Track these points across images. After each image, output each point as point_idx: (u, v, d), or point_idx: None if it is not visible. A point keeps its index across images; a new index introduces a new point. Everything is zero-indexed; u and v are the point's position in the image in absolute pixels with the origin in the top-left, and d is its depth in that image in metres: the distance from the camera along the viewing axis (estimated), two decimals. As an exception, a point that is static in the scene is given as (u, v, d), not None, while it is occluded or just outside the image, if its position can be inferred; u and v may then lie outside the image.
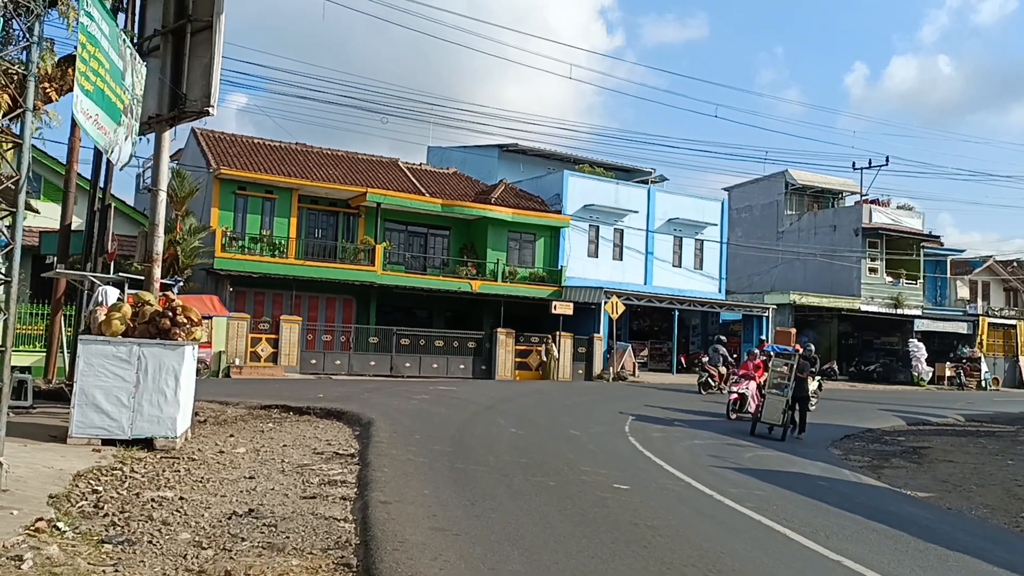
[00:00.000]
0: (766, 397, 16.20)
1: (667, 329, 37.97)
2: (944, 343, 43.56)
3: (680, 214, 37.88)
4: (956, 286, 48.39)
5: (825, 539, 7.65)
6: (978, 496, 11.36)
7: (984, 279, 49.88)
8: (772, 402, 15.96)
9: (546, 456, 11.43)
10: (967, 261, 50.33)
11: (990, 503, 10.86)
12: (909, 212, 45.42)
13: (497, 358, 29.82)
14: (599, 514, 7.94)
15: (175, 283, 18.32)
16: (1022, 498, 11.30)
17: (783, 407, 15.77)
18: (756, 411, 16.67)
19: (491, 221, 33.25)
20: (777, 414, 15.78)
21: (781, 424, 15.74)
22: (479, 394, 21.39)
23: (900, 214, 44.76)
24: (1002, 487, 12.16)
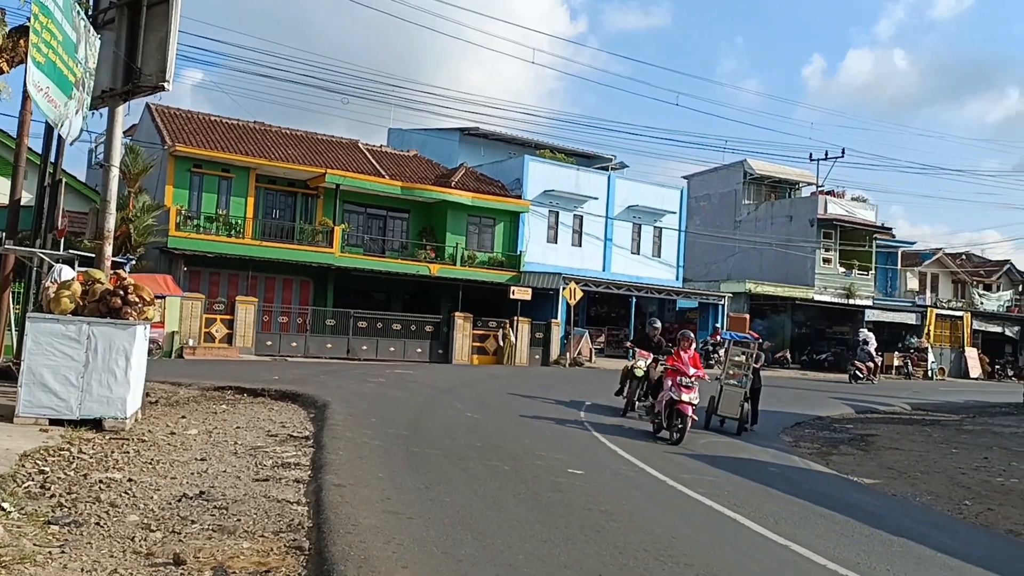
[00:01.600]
0: (723, 389, 15.09)
1: (624, 316, 38.24)
2: (893, 333, 44.49)
3: (640, 201, 38.09)
4: (906, 277, 49.41)
5: (774, 524, 7.78)
6: (923, 483, 11.64)
7: (933, 271, 51.00)
8: (729, 394, 14.94)
9: (502, 440, 11.46)
10: (917, 253, 51.37)
11: (934, 490, 11.13)
12: (863, 204, 46.20)
13: (455, 342, 29.79)
14: (553, 499, 7.98)
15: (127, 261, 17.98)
16: (965, 486, 11.60)
17: (740, 400, 14.82)
18: (711, 404, 15.23)
19: (451, 205, 33.13)
20: (734, 407, 14.80)
21: (737, 418, 14.78)
22: (436, 378, 21.36)
23: (854, 206, 45.51)
24: (946, 475, 12.47)
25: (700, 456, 11.89)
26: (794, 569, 6.38)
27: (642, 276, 37.46)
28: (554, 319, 32.17)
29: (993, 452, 15.23)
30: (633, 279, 36.51)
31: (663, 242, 39.46)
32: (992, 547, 8.08)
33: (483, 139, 39.99)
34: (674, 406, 12.90)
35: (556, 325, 32.11)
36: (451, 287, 32.26)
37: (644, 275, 37.69)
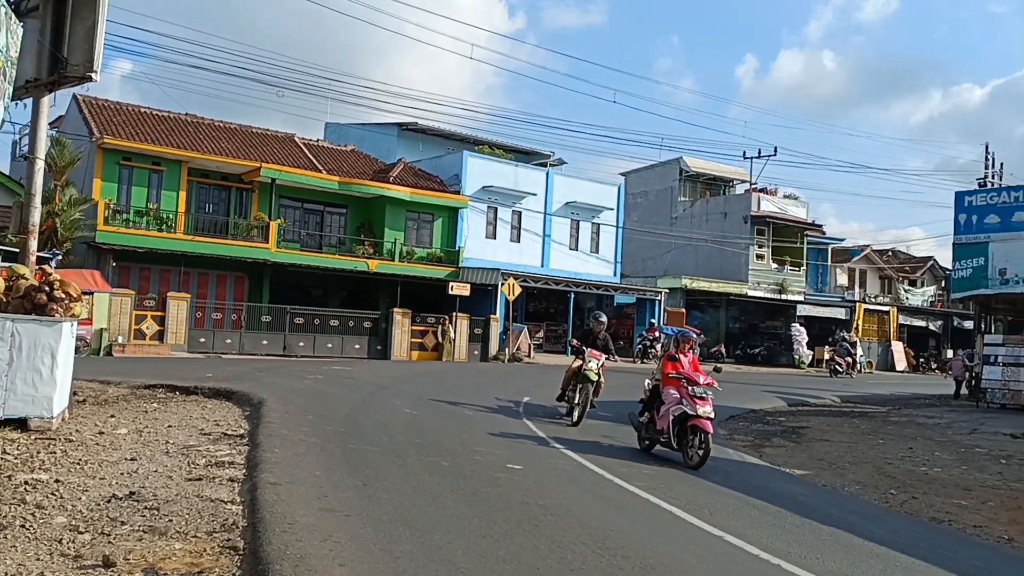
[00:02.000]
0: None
1: (563, 311, 38.51)
2: (824, 327, 45.64)
3: (578, 198, 38.35)
4: (836, 273, 50.76)
5: (709, 516, 7.92)
6: (851, 473, 11.97)
7: (861, 267, 52.50)
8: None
9: (440, 436, 11.43)
10: (846, 250, 52.83)
11: (862, 480, 11.45)
12: (795, 201, 47.27)
13: (393, 338, 29.62)
14: (492, 494, 7.99)
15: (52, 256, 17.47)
16: (891, 475, 11.96)
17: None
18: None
19: (389, 200, 32.91)
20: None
21: None
22: (374, 374, 21.21)
23: (786, 203, 46.53)
24: (873, 465, 12.85)
25: (637, 450, 12.03)
26: (728, 559, 6.50)
27: (580, 272, 37.75)
28: (493, 315, 32.21)
29: (917, 443, 15.74)
30: (571, 275, 36.77)
31: (601, 238, 39.81)
32: (916, 534, 8.35)
33: (422, 134, 39.81)
34: (687, 422, 10.84)
35: (495, 321, 32.16)
36: (390, 283, 32.07)
37: (582, 271, 37.99)
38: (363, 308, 31.20)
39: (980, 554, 7.77)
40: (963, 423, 19.57)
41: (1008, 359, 24.06)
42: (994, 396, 24.39)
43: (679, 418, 10.92)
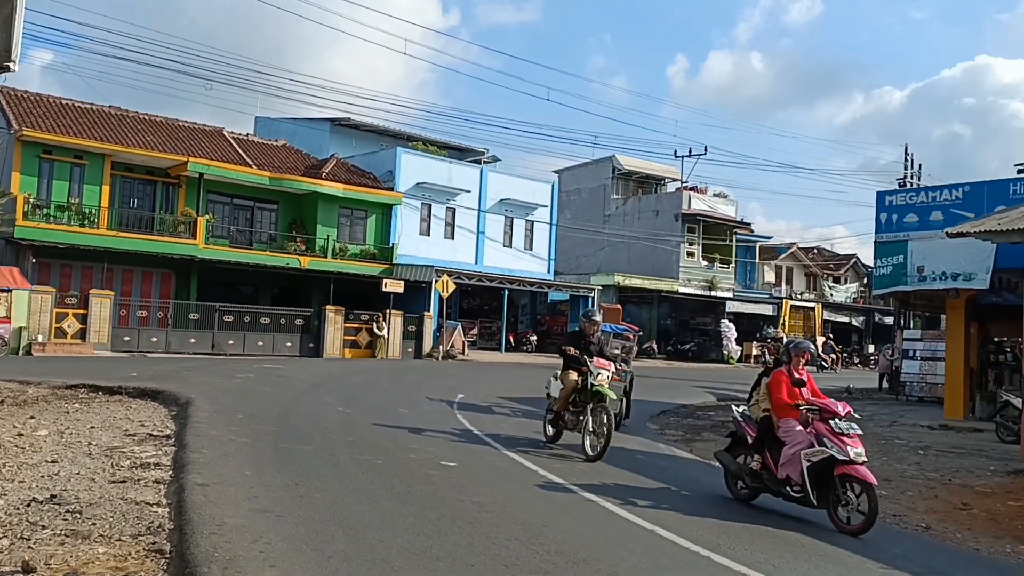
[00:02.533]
0: None
1: (497, 308, 38.57)
2: (752, 324, 46.65)
3: (512, 195, 38.44)
4: (763, 270, 51.92)
5: (641, 510, 8.00)
6: (778, 465, 12.23)
7: (788, 264, 53.80)
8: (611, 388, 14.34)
9: (374, 435, 11.34)
10: (774, 247, 54.07)
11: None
12: (724, 200, 48.19)
13: (326, 336, 29.29)
14: (426, 491, 7.96)
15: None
16: (816, 466, 12.26)
17: (620, 394, 13.85)
18: None
19: (321, 196, 32.51)
20: (614, 402, 13.66)
21: (617, 413, 13.70)
22: (306, 372, 20.94)
23: (716, 201, 47.40)
24: (799, 457, 13.15)
25: (572, 445, 12.10)
26: (660, 552, 6.59)
27: (514, 269, 37.86)
28: (427, 312, 32.10)
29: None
30: (505, 272, 36.86)
31: (535, 235, 39.98)
32: (840, 524, 8.57)
33: (355, 130, 39.40)
34: (833, 470, 8.03)
35: (429, 318, 32.06)
36: (322, 280, 31.68)
37: (516, 268, 38.10)
38: (295, 305, 30.76)
39: (900, 542, 8.02)
40: (883, 415, 20.21)
41: (925, 353, 24.94)
42: (912, 389, 25.25)
43: (819, 464, 8.09)
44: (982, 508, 9.65)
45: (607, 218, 47.95)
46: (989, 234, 12.30)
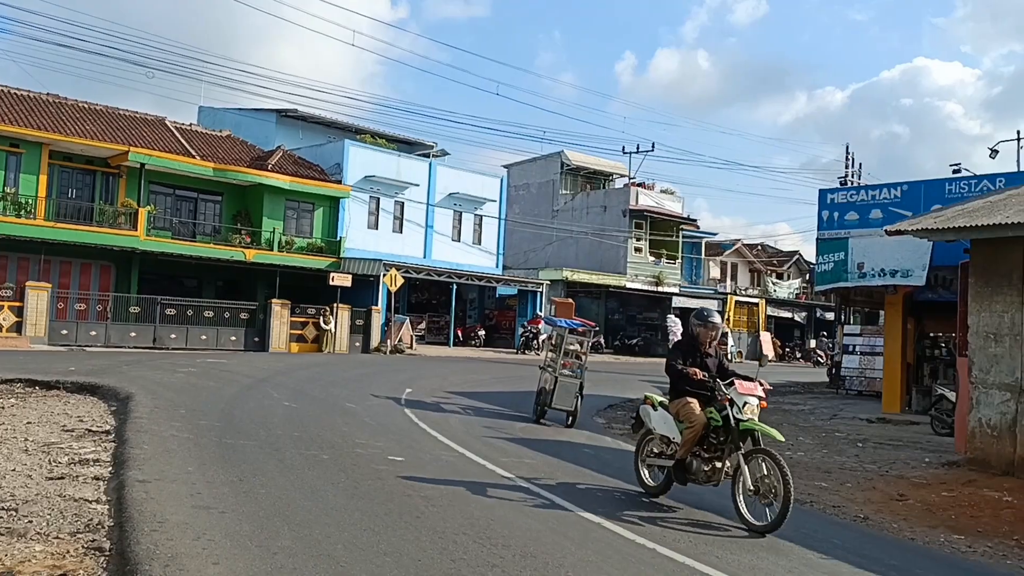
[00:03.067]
0: (558, 380, 13.92)
1: (445, 302, 38.48)
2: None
3: (461, 189, 38.36)
4: (709, 266, 52.64)
5: (588, 503, 8.06)
6: (722, 458, 12.43)
7: (733, 260, 54.60)
8: (565, 386, 13.89)
9: (320, 429, 11.24)
10: (719, 244, 54.81)
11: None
12: (671, 196, 48.71)
13: (272, 330, 28.92)
14: (373, 486, 7.92)
15: None
16: (758, 459, 12.49)
17: (576, 391, 13.92)
18: (541, 396, 14.41)
19: (267, 188, 32.05)
20: (569, 399, 13.87)
21: (572, 410, 13.95)
22: (251, 367, 20.65)
23: (663, 197, 47.89)
24: (742, 450, 13.38)
25: (519, 440, 12.15)
26: (606, 544, 6.65)
27: (463, 263, 37.80)
28: (375, 306, 31.91)
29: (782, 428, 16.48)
30: (454, 266, 36.78)
31: (483, 230, 39.96)
32: (781, 515, 8.74)
33: (301, 122, 38.92)
34: None
35: (377, 312, 31.86)
36: (268, 273, 31.26)
37: (465, 262, 38.06)
38: (240, 299, 30.31)
39: (840, 533, 8.22)
40: (824, 409, 20.66)
41: (865, 348, 25.54)
42: (852, 383, 25.85)
43: None
44: (917, 499, 9.93)
45: (556, 213, 48.13)
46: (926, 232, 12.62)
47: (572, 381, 14.00)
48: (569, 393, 13.92)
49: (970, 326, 11.96)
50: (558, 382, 13.92)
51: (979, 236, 11.71)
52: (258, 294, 31.28)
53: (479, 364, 28.53)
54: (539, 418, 14.31)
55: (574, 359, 14.54)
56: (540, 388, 14.59)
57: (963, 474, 11.44)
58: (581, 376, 14.19)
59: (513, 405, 16.48)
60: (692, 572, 6.09)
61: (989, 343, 11.66)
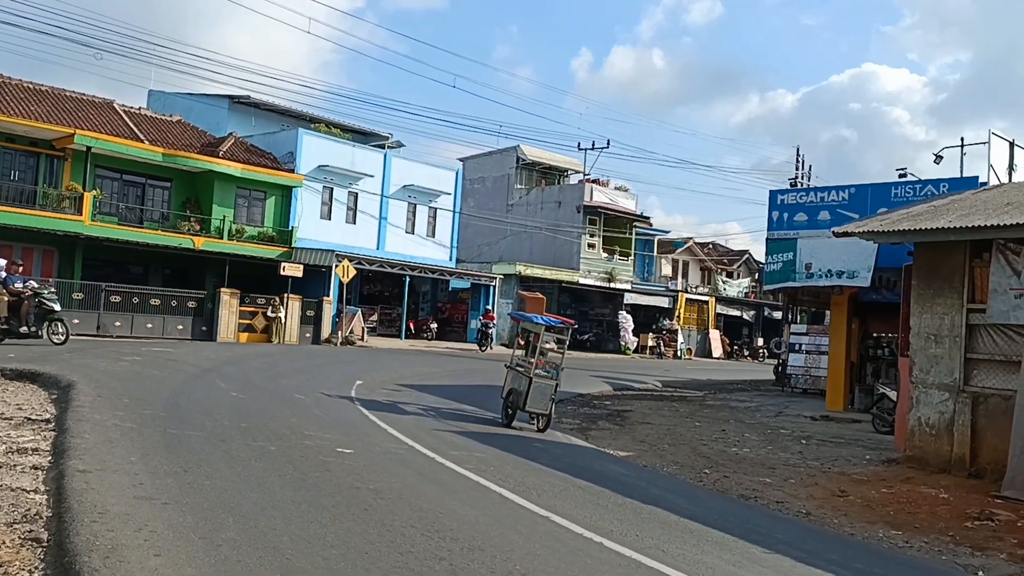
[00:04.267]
0: (533, 381, 13.05)
1: (398, 295, 38.27)
2: (648, 315, 47.68)
3: (416, 181, 38.17)
4: (661, 264, 53.15)
5: (537, 497, 8.10)
6: (670, 455, 12.59)
7: (684, 258, 55.20)
8: (540, 388, 13.10)
9: (268, 420, 11.11)
10: (671, 241, 55.35)
11: (679, 460, 12.07)
12: (625, 193, 49.01)
13: (220, 319, 28.49)
14: (321, 478, 7.86)
15: None
16: (706, 456, 12.68)
17: (551, 393, 13.24)
18: (511, 398, 13.63)
19: (218, 175, 31.53)
20: (545, 402, 13.18)
21: (547, 413, 13.29)
22: (198, 356, 20.33)
23: (617, 194, 48.18)
24: (690, 446, 13.56)
25: (469, 433, 12.14)
26: (553, 538, 6.68)
27: (416, 256, 37.64)
28: (326, 297, 31.63)
29: (730, 425, 16.76)
30: (407, 258, 36.60)
31: (438, 223, 39.82)
32: (727, 511, 8.89)
33: (254, 108, 38.32)
34: None
35: (328, 303, 31.59)
36: (217, 262, 30.78)
37: (418, 255, 37.90)
38: (188, 287, 29.79)
39: (782, 528, 8.37)
40: (770, 406, 21.01)
41: (810, 347, 26.02)
42: (797, 381, 26.32)
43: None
44: (858, 495, 10.16)
45: (510, 207, 48.14)
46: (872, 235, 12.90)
47: (548, 383, 13.22)
48: (544, 395, 13.14)
49: (912, 327, 12.26)
50: (532, 383, 13.03)
51: (922, 239, 12.00)
52: (207, 283, 30.77)
53: (431, 357, 28.46)
54: (510, 422, 13.51)
55: (549, 359, 13.71)
56: (509, 389, 13.72)
57: (902, 471, 11.72)
58: (557, 377, 13.43)
59: (466, 398, 16.48)
60: (638, 566, 6.15)
61: (930, 344, 11.96)
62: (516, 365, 13.92)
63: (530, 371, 13.13)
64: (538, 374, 13.17)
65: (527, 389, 13.03)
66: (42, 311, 18.99)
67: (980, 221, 11.20)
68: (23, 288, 18.82)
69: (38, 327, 18.87)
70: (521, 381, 13.32)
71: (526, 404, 13.09)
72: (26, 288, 18.85)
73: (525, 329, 14.40)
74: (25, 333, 18.55)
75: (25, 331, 18.54)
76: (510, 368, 14.03)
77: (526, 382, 13.08)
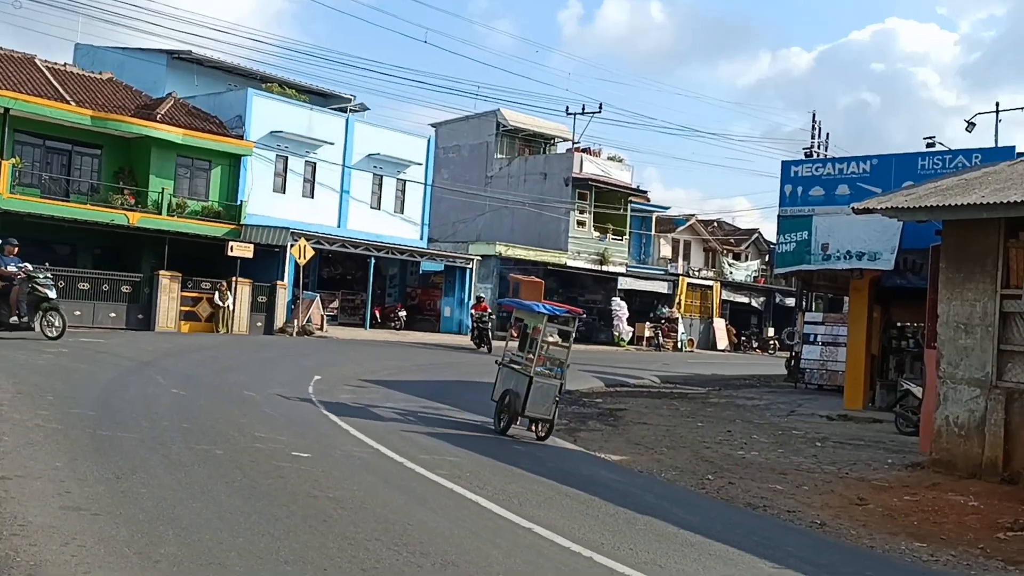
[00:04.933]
0: (534, 381, 12.44)
1: (361, 278, 38.23)
2: (645, 302, 47.87)
3: (382, 149, 38.04)
4: (660, 244, 53.24)
5: (518, 506, 8.13)
6: (668, 458, 12.66)
7: (686, 238, 55.36)
8: (543, 389, 12.53)
9: (214, 421, 11.10)
10: (671, 219, 55.43)
11: (679, 465, 12.14)
12: (619, 164, 49.11)
13: (159, 306, 28.34)
14: (274, 486, 7.86)
15: None
16: (709, 460, 12.76)
17: (555, 395, 12.65)
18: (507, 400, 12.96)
19: (156, 142, 31.29)
20: (547, 406, 12.57)
21: (549, 419, 12.74)
22: (135, 348, 20.25)
23: (610, 165, 48.25)
24: (691, 449, 13.65)
25: (442, 435, 12.17)
26: (537, 552, 6.72)
27: (383, 234, 37.56)
28: (280, 281, 31.54)
29: (736, 425, 16.88)
30: (372, 237, 36.51)
31: (407, 197, 39.74)
32: (732, 521, 8.96)
33: (197, 66, 38.01)
34: None
35: (283, 288, 31.50)
36: (155, 241, 30.57)
37: (385, 233, 37.81)
38: (122, 270, 29.58)
39: (794, 540, 8.45)
40: (782, 404, 21.17)
41: (827, 338, 26.20)
42: (812, 376, 26.52)
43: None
44: (878, 503, 10.26)
45: (489, 180, 48.11)
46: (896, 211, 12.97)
47: (551, 382, 12.67)
48: (547, 397, 12.52)
49: (939, 315, 12.35)
50: (533, 383, 12.38)
51: (952, 217, 12.07)
52: (143, 264, 30.57)
53: (399, 349, 28.46)
54: (505, 429, 12.90)
55: (552, 354, 13.25)
56: (505, 391, 13.03)
57: (927, 476, 11.85)
58: (562, 376, 12.91)
59: (439, 396, 16.50)
60: (632, 583, 6.19)
61: (959, 334, 12.06)
62: (510, 362, 13.46)
63: (530, 369, 12.61)
64: (539, 372, 12.63)
65: (526, 390, 12.41)
66: (35, 298, 18.29)
67: (1017, 196, 11.27)
68: (16, 271, 18.23)
69: (30, 317, 18.20)
70: (519, 381, 12.73)
71: (525, 408, 12.46)
72: (19, 271, 18.28)
73: (519, 319, 14.14)
74: (15, 324, 17.96)
75: (15, 321, 17.95)
76: (503, 365, 13.53)
77: (525, 382, 12.47)
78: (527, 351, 13.23)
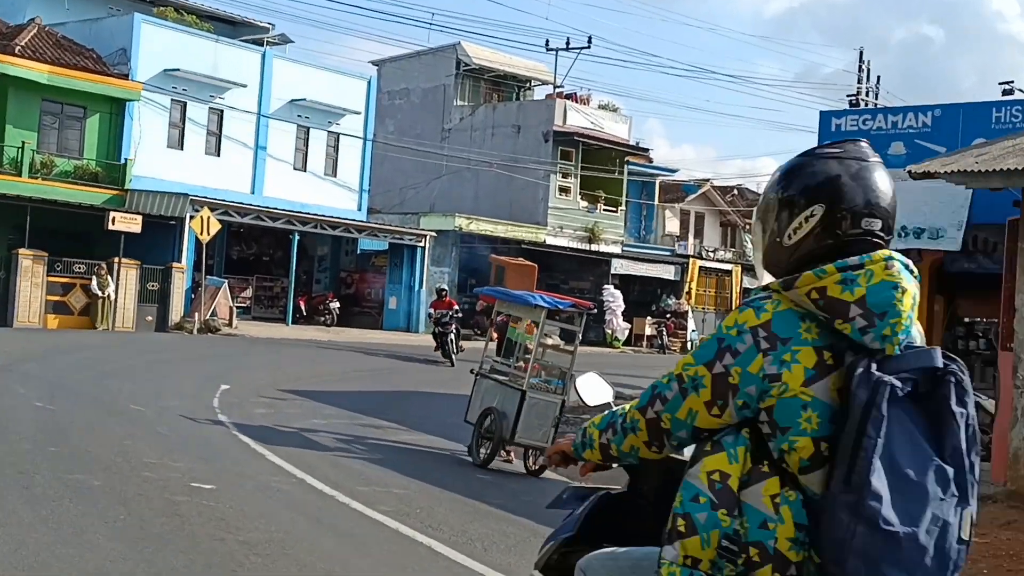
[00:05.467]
0: (527, 398, 12.12)
1: (282, 260, 38.11)
2: (646, 291, 47.87)
3: (309, 94, 37.90)
4: (664, 217, 53.11)
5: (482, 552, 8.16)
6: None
7: (698, 209, 55.27)
8: (539, 407, 12.28)
9: (91, 443, 11.08)
10: (679, 185, 55.25)
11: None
12: (613, 114, 48.99)
13: (19, 295, 28.18)
14: (168, 526, 7.84)
15: None
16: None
17: (555, 414, 12.41)
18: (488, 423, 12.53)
19: (13, 81, 31.04)
20: (546, 428, 12.24)
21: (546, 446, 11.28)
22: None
23: (602, 116, 48.11)
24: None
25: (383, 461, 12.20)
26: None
27: (310, 203, 37.42)
28: (177, 263, 31.41)
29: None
30: (297, 207, 36.38)
31: (341, 155, 39.65)
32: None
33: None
34: None
35: (180, 272, 31.39)
36: (14, 210, 30.37)
37: (313, 202, 37.68)
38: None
39: None
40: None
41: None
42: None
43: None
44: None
45: (447, 133, 47.97)
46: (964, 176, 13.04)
47: (550, 399, 12.52)
48: (545, 419, 12.27)
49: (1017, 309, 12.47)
50: (526, 401, 12.12)
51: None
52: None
53: (329, 352, 28.42)
54: (488, 461, 12.44)
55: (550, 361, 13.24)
56: (486, 410, 12.60)
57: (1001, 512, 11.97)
58: (563, 390, 12.68)
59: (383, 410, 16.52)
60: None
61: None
62: (493, 372, 13.30)
63: (521, 381, 12.36)
64: (534, 386, 12.42)
65: (517, 409, 12.07)
66: None
67: (1116, 158, 11.39)
68: None
69: None
70: (506, 397, 12.43)
71: (516, 432, 12.07)
72: None
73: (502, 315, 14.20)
74: None
75: None
76: (483, 376, 13.25)
77: (515, 398, 12.18)
78: (515, 357, 13.08)
